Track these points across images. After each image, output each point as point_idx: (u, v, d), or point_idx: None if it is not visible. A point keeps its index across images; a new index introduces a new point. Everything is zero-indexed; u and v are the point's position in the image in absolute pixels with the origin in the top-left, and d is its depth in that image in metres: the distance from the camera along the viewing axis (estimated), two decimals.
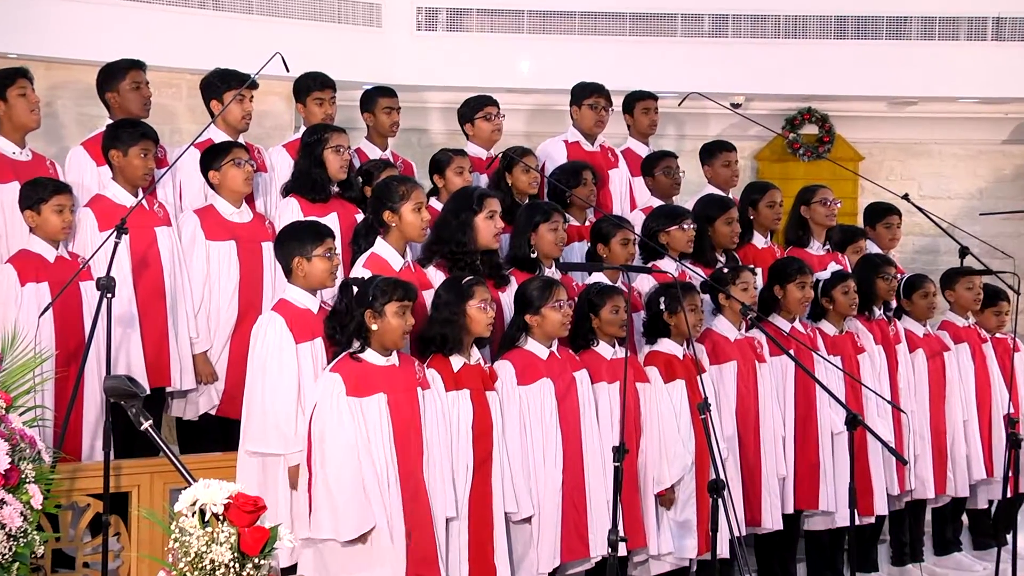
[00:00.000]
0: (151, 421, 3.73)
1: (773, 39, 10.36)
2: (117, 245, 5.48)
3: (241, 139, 6.89)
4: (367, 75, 9.24)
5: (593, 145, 7.96)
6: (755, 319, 6.43)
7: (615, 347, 6.18)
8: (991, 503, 7.96)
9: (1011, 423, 6.59)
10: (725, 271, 6.86)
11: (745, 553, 5.08)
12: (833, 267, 7.24)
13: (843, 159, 10.43)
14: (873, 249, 7.98)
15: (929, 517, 7.76)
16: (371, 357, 5.35)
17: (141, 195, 6.21)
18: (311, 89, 7.31)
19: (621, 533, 5.07)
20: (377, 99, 7.59)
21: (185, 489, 3.49)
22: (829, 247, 7.79)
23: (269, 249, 6.31)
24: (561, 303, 5.91)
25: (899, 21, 10.36)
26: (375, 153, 7.51)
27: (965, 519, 8.03)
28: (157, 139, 6.45)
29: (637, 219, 7.39)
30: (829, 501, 6.88)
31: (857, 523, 5.94)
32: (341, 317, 5.40)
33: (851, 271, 7.43)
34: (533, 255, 6.38)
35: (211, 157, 6.49)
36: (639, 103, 8.22)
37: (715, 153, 8.06)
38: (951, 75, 10.33)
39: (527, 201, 7.12)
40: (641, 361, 6.40)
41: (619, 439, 5.14)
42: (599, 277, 6.59)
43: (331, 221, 6.37)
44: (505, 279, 6.23)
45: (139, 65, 6.80)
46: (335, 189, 6.74)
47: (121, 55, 6.88)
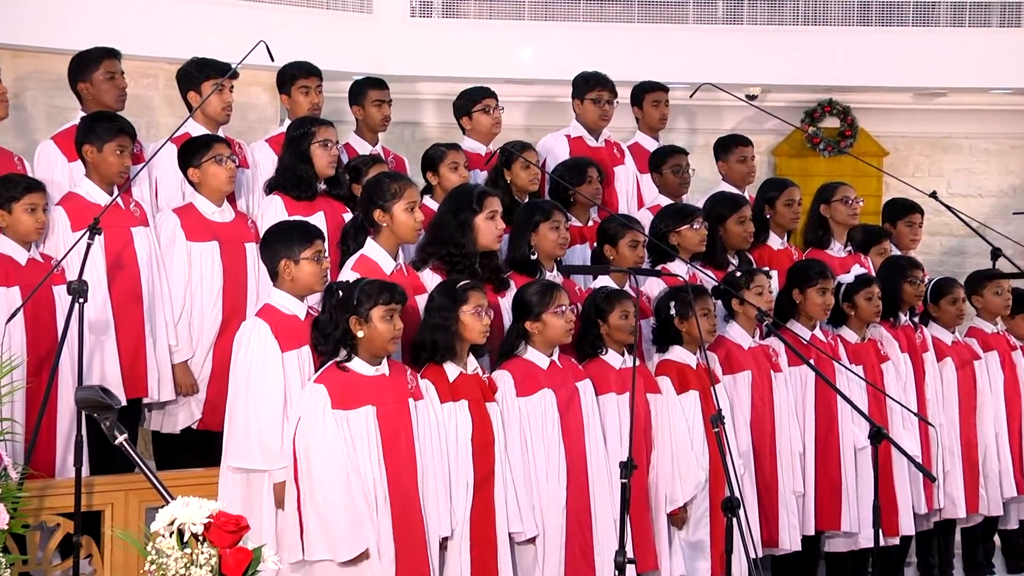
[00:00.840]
0: (126, 435, 3.74)
1: (791, 26, 10.38)
2: (90, 246, 5.50)
3: (221, 133, 6.90)
4: (356, 65, 9.25)
5: (597, 140, 7.97)
6: (771, 326, 6.44)
7: (624, 356, 6.19)
8: (1023, 523, 7.97)
9: None
10: (738, 274, 6.87)
11: None
12: (856, 270, 7.24)
13: (866, 154, 10.45)
14: (893, 250, 7.98)
15: (959, 538, 7.77)
16: (358, 367, 5.36)
17: (116, 193, 6.22)
18: (296, 77, 7.33)
19: (629, 554, 5.08)
20: (367, 91, 7.60)
21: (162, 508, 3.50)
22: (851, 248, 7.80)
23: (253, 250, 6.32)
24: (563, 308, 5.92)
25: (927, 6, 10.39)
26: (364, 148, 7.52)
27: (998, 540, 8.04)
28: (135, 135, 6.46)
29: (644, 218, 7.40)
30: (852, 521, 6.89)
31: (882, 544, 5.96)
32: (325, 325, 5.41)
33: (875, 274, 7.45)
34: (533, 257, 6.39)
35: (190, 153, 6.48)
36: (649, 95, 8.24)
37: (730, 148, 8.07)
38: (982, 64, 10.34)
39: (527, 200, 7.13)
40: (652, 370, 6.41)
41: (627, 453, 5.15)
42: (604, 281, 6.60)
43: (317, 220, 6.37)
44: (505, 283, 6.24)
45: (113, 54, 6.81)
46: (322, 187, 6.75)
47: (94, 43, 6.89)
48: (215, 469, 5.63)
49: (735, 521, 5.01)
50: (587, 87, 7.96)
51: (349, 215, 6.58)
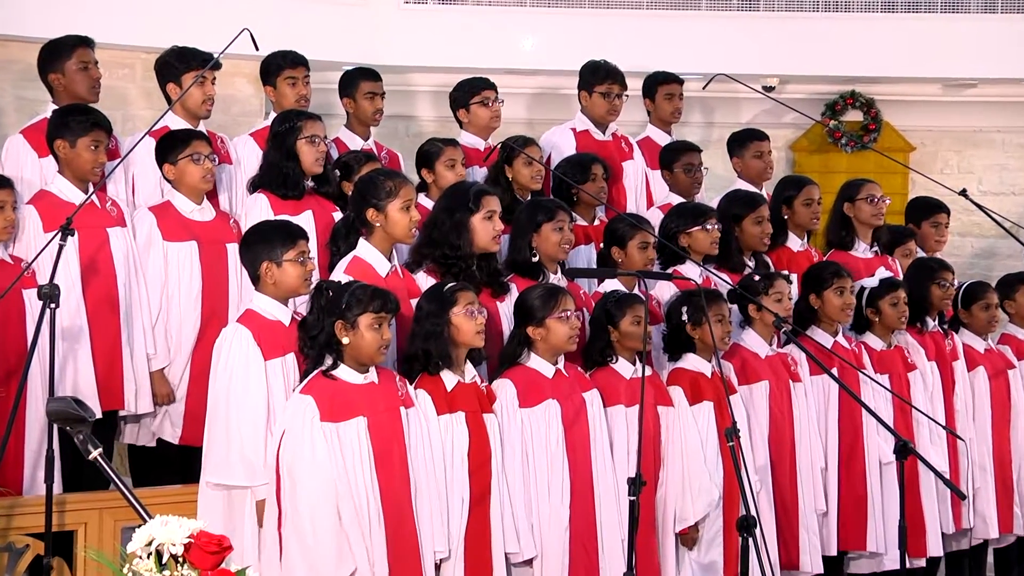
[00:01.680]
0: (100, 449, 3.73)
1: (811, 13, 10.40)
2: (63, 247, 5.49)
3: (202, 127, 6.91)
4: (347, 54, 9.27)
5: (605, 134, 7.98)
6: (790, 333, 6.44)
7: (636, 365, 6.18)
8: None
9: None
10: (756, 278, 6.85)
11: None
12: (882, 273, 7.22)
13: (891, 150, 10.46)
14: (918, 252, 7.96)
15: (991, 560, 7.77)
16: (345, 374, 5.36)
17: (91, 191, 6.23)
18: (281, 67, 7.33)
19: None
20: (358, 82, 7.61)
21: (139, 527, 3.49)
22: (877, 249, 7.79)
23: (235, 251, 6.31)
24: (568, 313, 5.91)
25: None
26: (356, 143, 7.52)
27: None
28: (111, 129, 6.47)
29: (654, 217, 7.41)
30: (877, 541, 6.89)
31: (908, 566, 5.95)
32: (311, 327, 5.40)
33: (902, 277, 7.44)
34: (535, 259, 6.39)
35: (167, 148, 6.49)
36: (662, 87, 8.24)
37: (745, 143, 8.07)
38: (1014, 54, 10.35)
39: (529, 198, 7.14)
40: (663, 380, 6.41)
41: (635, 469, 5.15)
42: (612, 284, 6.60)
43: (305, 220, 6.39)
44: (504, 287, 6.24)
45: (87, 42, 6.82)
46: (309, 184, 6.75)
47: (66, 31, 6.90)
48: (194, 486, 5.63)
49: (751, 541, 5.00)
50: (595, 79, 7.94)
51: (339, 214, 6.58)
